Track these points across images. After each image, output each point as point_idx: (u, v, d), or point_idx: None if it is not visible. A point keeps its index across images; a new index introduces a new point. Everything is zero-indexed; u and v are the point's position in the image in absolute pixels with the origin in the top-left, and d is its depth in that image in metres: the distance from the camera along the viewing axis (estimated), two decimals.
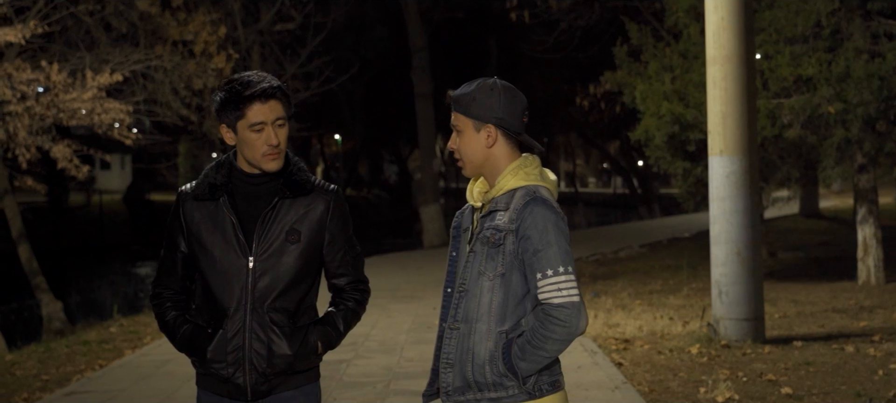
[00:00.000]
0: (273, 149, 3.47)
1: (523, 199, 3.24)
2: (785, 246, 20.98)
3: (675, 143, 13.52)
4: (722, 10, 9.29)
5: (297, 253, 3.49)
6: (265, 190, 3.54)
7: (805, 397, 7.17)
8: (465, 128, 3.30)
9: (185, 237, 3.57)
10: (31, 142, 12.63)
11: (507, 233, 3.22)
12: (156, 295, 3.68)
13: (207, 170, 3.62)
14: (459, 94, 3.31)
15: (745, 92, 9.28)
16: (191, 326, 3.57)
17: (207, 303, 3.55)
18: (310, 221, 3.53)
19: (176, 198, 3.65)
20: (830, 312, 11.39)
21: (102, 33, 15.81)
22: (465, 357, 3.22)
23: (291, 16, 20.64)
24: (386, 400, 7.56)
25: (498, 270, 3.23)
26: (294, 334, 3.50)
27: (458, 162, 3.37)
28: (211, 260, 3.51)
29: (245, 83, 3.46)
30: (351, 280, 3.63)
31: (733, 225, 9.33)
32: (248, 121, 3.46)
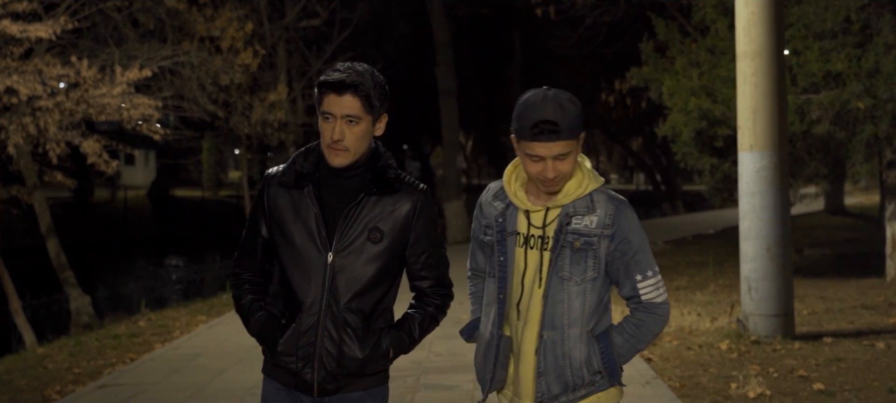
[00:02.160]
0: (336, 144, 3.32)
1: (612, 203, 3.28)
2: (811, 243, 20.89)
3: (703, 139, 13.48)
4: (752, 4, 9.25)
5: (377, 253, 3.36)
6: (352, 183, 3.40)
7: (837, 393, 7.14)
8: (572, 150, 3.20)
9: (267, 222, 3.46)
10: (60, 136, 12.72)
11: (600, 238, 3.25)
12: (235, 276, 3.59)
13: (295, 157, 3.49)
14: (568, 123, 3.16)
15: (776, 87, 9.25)
16: (265, 314, 3.48)
17: (283, 292, 3.44)
18: (394, 220, 3.39)
19: (261, 181, 3.54)
20: (859, 308, 11.33)
21: (130, 29, 15.90)
22: (561, 363, 3.26)
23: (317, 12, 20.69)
24: (416, 394, 7.58)
25: (588, 274, 3.26)
26: (367, 337, 3.38)
27: (553, 184, 3.25)
28: (290, 250, 3.39)
29: (330, 71, 3.35)
30: (433, 283, 3.50)
31: (763, 221, 9.29)
32: (321, 108, 3.35)
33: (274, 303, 3.48)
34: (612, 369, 3.30)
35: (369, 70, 3.36)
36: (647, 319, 3.32)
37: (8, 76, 11.78)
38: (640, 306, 3.32)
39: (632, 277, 3.29)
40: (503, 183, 3.42)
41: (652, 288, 3.32)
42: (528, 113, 3.18)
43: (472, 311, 3.62)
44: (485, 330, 3.41)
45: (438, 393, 7.60)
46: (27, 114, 12.37)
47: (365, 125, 3.34)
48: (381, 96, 3.38)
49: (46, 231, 15.29)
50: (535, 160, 3.20)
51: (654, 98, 15.37)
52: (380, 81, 3.37)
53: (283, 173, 3.46)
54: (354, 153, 3.34)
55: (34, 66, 12.23)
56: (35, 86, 11.91)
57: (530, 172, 3.24)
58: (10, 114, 12.42)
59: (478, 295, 3.59)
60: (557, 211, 3.28)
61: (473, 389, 7.61)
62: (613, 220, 3.25)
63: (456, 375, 8.16)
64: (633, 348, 3.33)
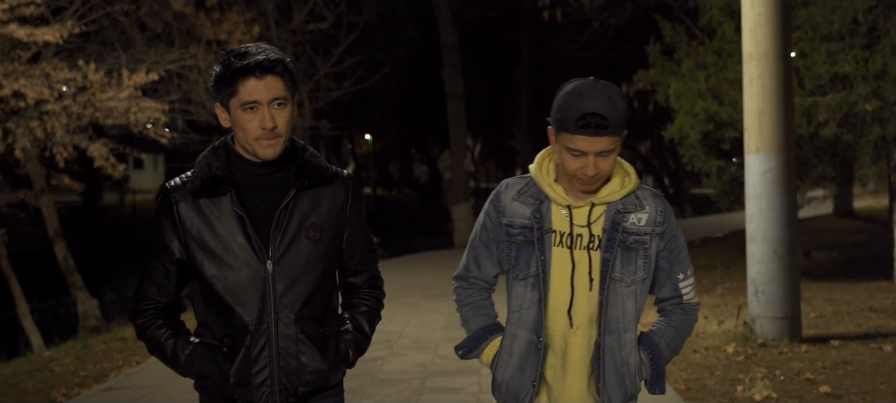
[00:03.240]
0: (268, 134, 2.93)
1: (658, 200, 3.14)
2: (819, 246, 20.82)
3: (710, 142, 13.47)
4: (758, 6, 9.23)
5: (320, 252, 3.03)
6: (277, 179, 3.02)
7: (844, 396, 7.12)
8: (616, 148, 3.01)
9: (183, 241, 3.00)
10: (68, 140, 12.74)
11: (651, 236, 3.11)
12: (139, 312, 3.08)
13: (203, 159, 3.06)
14: (617, 118, 2.96)
15: (782, 89, 9.22)
16: (199, 346, 3.04)
17: (218, 318, 3.01)
18: (331, 213, 3.06)
19: (162, 196, 3.08)
20: (867, 311, 11.29)
21: (138, 33, 15.95)
22: (621, 370, 3.11)
23: (324, 15, 20.73)
24: (422, 397, 7.57)
25: (638, 275, 3.10)
26: (326, 344, 3.06)
27: (591, 182, 3.05)
28: (220, 266, 2.97)
29: (240, 54, 2.95)
30: (369, 277, 3.23)
31: (770, 224, 9.27)
32: (241, 99, 2.93)
33: (205, 334, 3.05)
34: (662, 376, 3.17)
35: (278, 49, 3.04)
36: (686, 321, 3.21)
37: (15, 80, 11.81)
38: (679, 306, 3.20)
39: (674, 277, 3.17)
40: (534, 177, 3.17)
41: (690, 288, 3.21)
42: (574, 103, 2.95)
43: (467, 324, 3.35)
44: (517, 339, 3.17)
45: (444, 396, 7.59)
46: (34, 118, 12.39)
47: (290, 106, 2.99)
48: (295, 75, 3.07)
49: (54, 234, 15.33)
50: (576, 155, 2.99)
51: (660, 101, 15.35)
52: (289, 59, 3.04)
53: (192, 181, 3.02)
54: (285, 139, 2.98)
55: (41, 69, 12.26)
56: (42, 90, 11.94)
57: (568, 168, 3.03)
58: (17, 117, 12.45)
59: (474, 305, 3.33)
60: (602, 208, 3.10)
61: (479, 392, 7.59)
62: (664, 217, 3.12)
63: (461, 378, 8.15)
64: (674, 351, 3.21)
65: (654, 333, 3.19)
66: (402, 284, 14.98)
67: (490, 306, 3.34)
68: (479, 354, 3.29)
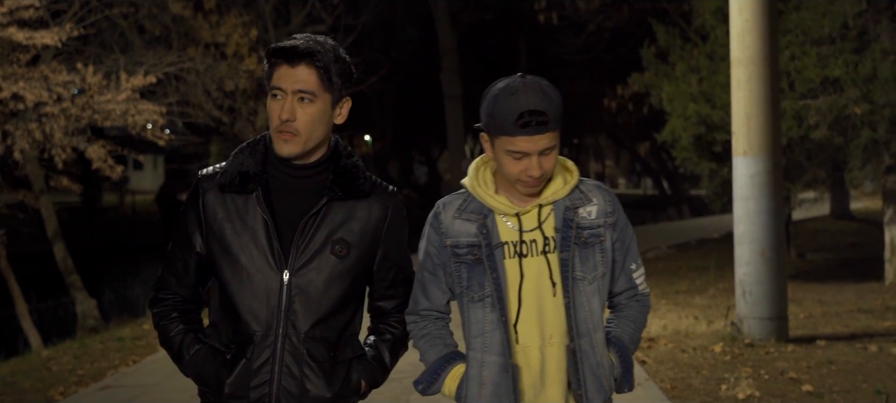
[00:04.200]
0: (285, 126, 2.73)
1: (603, 190, 3.01)
2: (814, 248, 20.95)
3: (702, 144, 13.60)
4: (747, 12, 9.37)
5: (343, 270, 2.81)
6: (311, 185, 2.83)
7: (825, 394, 7.25)
8: (556, 144, 2.87)
9: (204, 234, 2.84)
10: (66, 142, 12.88)
11: (605, 228, 2.97)
12: (157, 301, 2.94)
13: (238, 153, 2.85)
14: (554, 112, 2.82)
15: (770, 93, 9.36)
16: (205, 348, 2.87)
17: (228, 322, 2.84)
18: (363, 230, 2.84)
19: (194, 185, 2.90)
20: (856, 312, 11.42)
21: (136, 36, 16.10)
22: (598, 372, 2.95)
23: (321, 18, 20.87)
24: (412, 395, 7.71)
25: (598, 271, 2.96)
26: (334, 371, 2.84)
27: (536, 184, 2.89)
28: (235, 268, 2.79)
29: (287, 40, 2.78)
30: (400, 303, 3.00)
31: (757, 226, 9.40)
32: (271, 83, 2.77)
33: (214, 336, 2.88)
34: (631, 373, 3.04)
35: (332, 43, 2.82)
36: (642, 311, 3.09)
37: (15, 82, 11.95)
38: (634, 299, 3.07)
39: (627, 268, 3.03)
40: (471, 190, 2.98)
41: (642, 278, 3.08)
42: (508, 103, 2.79)
43: (424, 357, 3.07)
44: (486, 365, 2.93)
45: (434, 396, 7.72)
46: (33, 120, 12.53)
47: (321, 105, 2.76)
48: (344, 74, 2.81)
49: (53, 235, 15.46)
50: (518, 157, 2.83)
51: (655, 104, 15.49)
52: (343, 57, 2.81)
53: (223, 174, 2.83)
54: (306, 139, 2.77)
55: (40, 72, 12.40)
56: (41, 93, 12.08)
57: (511, 172, 2.87)
58: (16, 120, 12.59)
59: (430, 336, 3.06)
60: (550, 207, 2.95)
61: None
62: (613, 207, 2.99)
63: None
64: (636, 346, 3.08)
65: (616, 330, 3.05)
66: None
67: (447, 335, 3.09)
68: (440, 387, 3.04)
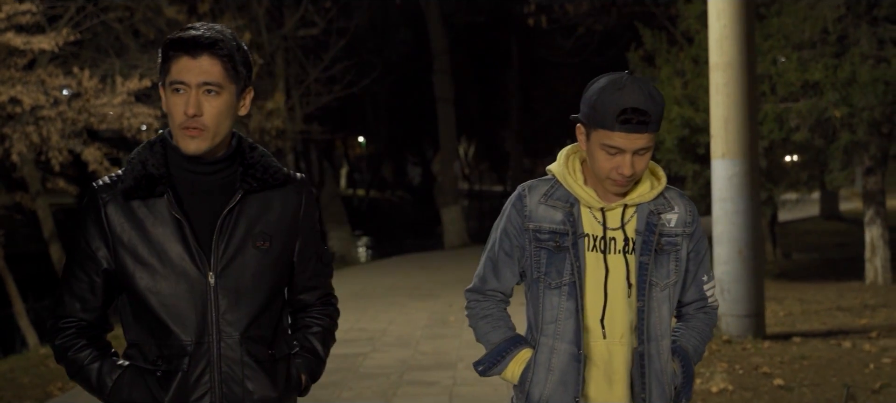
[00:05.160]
0: (190, 121, 2.56)
1: (685, 200, 3.02)
2: (801, 248, 21.26)
3: (686, 146, 13.88)
4: (724, 18, 9.65)
5: (268, 263, 2.69)
6: (219, 181, 2.67)
7: (795, 388, 7.53)
8: (653, 144, 2.87)
9: (111, 248, 2.63)
10: (63, 145, 13.12)
11: (682, 237, 2.97)
12: (58, 331, 2.70)
13: (137, 155, 2.68)
14: (657, 114, 2.82)
15: (747, 97, 9.64)
16: (129, 370, 2.66)
17: (151, 337, 2.65)
18: (281, 220, 2.72)
19: (88, 197, 2.69)
20: (834, 310, 11.70)
21: (131, 40, 16.32)
22: (661, 379, 2.95)
23: (314, 21, 21.13)
24: (399, 390, 7.98)
25: (671, 279, 2.97)
26: (275, 368, 2.72)
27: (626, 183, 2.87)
28: (154, 278, 2.61)
29: (183, 30, 2.62)
30: (322, 294, 2.90)
31: (735, 226, 9.68)
32: (170, 77, 2.59)
33: (137, 356, 2.68)
34: (691, 384, 3.02)
35: (231, 32, 2.68)
36: (709, 323, 3.09)
37: (12, 86, 12.19)
38: (702, 310, 3.08)
39: (699, 279, 3.05)
40: (561, 177, 2.98)
41: (713, 290, 3.10)
42: (612, 97, 2.77)
43: (486, 337, 3.07)
44: (557, 352, 2.95)
45: (419, 389, 8.00)
46: (30, 123, 12.78)
47: (228, 97, 2.60)
48: (246, 63, 2.67)
49: (49, 236, 15.69)
50: (613, 153, 2.81)
51: None
52: (243, 47, 2.69)
53: (124, 179, 2.65)
54: (215, 134, 2.60)
55: (37, 76, 12.65)
56: (38, 97, 12.33)
57: (602, 167, 2.85)
58: (13, 123, 12.83)
59: (493, 317, 3.08)
60: (634, 209, 2.95)
61: (453, 385, 8.00)
62: (693, 218, 2.99)
63: (437, 372, 8.56)
64: (700, 358, 3.08)
65: (681, 340, 3.05)
66: (389, 285, 15.36)
67: (509, 319, 3.11)
68: (502, 369, 3.04)
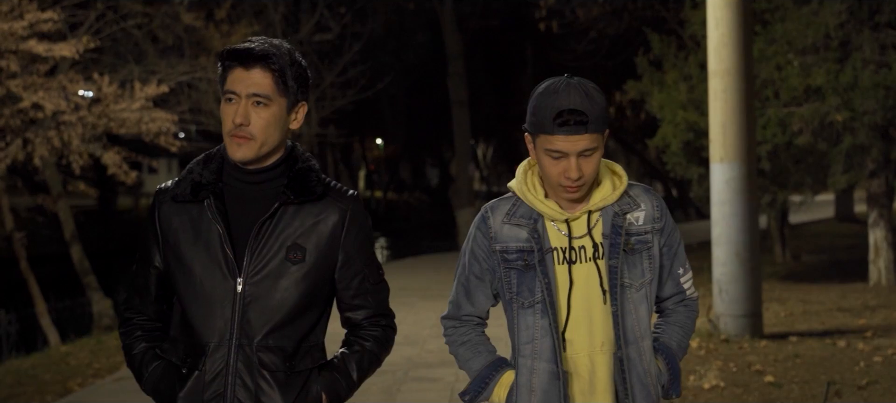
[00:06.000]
0: (238, 129, 2.71)
1: (651, 195, 2.99)
2: (812, 250, 21.43)
3: (691, 150, 14.14)
4: (722, 26, 9.91)
5: (299, 277, 2.76)
6: (264, 190, 2.79)
7: (784, 384, 7.79)
8: (598, 147, 2.83)
9: (161, 248, 2.83)
10: (83, 149, 13.52)
11: (652, 234, 2.95)
12: (125, 322, 2.93)
13: (192, 165, 2.86)
14: (596, 113, 2.79)
15: (744, 103, 9.90)
16: (162, 364, 2.82)
17: (184, 335, 2.80)
18: (319, 235, 2.79)
19: (152, 199, 2.90)
20: (835, 311, 11.93)
21: (150, 45, 16.73)
22: (645, 381, 2.93)
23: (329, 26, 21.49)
24: (403, 386, 8.30)
25: (646, 277, 2.95)
26: (290, 381, 2.77)
27: (577, 188, 2.86)
28: (190, 279, 2.76)
29: (241, 43, 2.78)
30: (371, 313, 2.91)
31: (732, 228, 9.94)
32: (224, 87, 2.75)
33: (172, 351, 2.84)
34: (678, 380, 3.01)
35: (288, 47, 2.82)
36: (690, 317, 3.07)
37: (34, 92, 12.60)
38: (682, 304, 3.06)
39: (675, 273, 3.02)
40: (521, 194, 2.97)
41: (690, 282, 3.08)
42: (548, 101, 2.78)
43: (467, 365, 3.08)
44: (536, 372, 2.93)
45: (422, 385, 8.31)
46: (52, 128, 13.17)
47: (276, 109, 2.74)
48: (300, 78, 2.79)
49: (70, 237, 16.09)
50: (557, 158, 2.81)
51: (650, 110, 16.02)
52: (299, 61, 2.80)
53: (177, 186, 2.83)
54: (262, 143, 2.74)
55: (58, 82, 13.05)
56: (59, 102, 12.74)
57: (550, 174, 2.85)
58: (36, 127, 13.23)
59: (472, 343, 3.08)
60: (598, 213, 2.93)
61: (455, 381, 8.31)
62: (661, 213, 2.97)
63: (441, 369, 8.86)
64: (684, 352, 3.06)
65: (662, 337, 3.04)
66: (401, 285, 15.67)
67: (488, 342, 3.10)
68: (488, 395, 3.02)
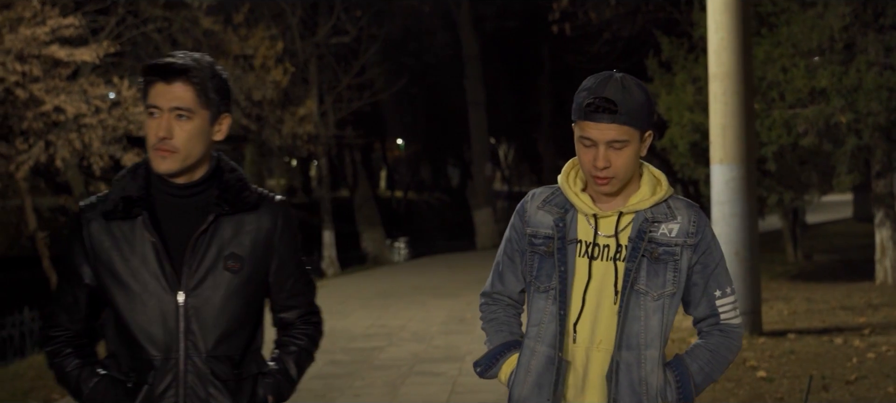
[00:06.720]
0: (161, 143, 2.74)
1: (693, 210, 2.96)
2: (825, 249, 21.58)
3: (698, 151, 14.35)
4: (722, 30, 10.15)
5: (238, 285, 2.82)
6: (197, 203, 2.83)
7: (775, 379, 8.04)
8: (631, 140, 2.83)
9: (92, 265, 2.82)
10: (104, 151, 13.88)
11: (683, 248, 2.92)
12: (49, 340, 2.89)
13: (118, 179, 2.87)
14: (628, 106, 2.80)
15: (743, 105, 10.13)
16: (104, 379, 2.83)
17: (126, 350, 2.81)
18: (255, 243, 2.85)
19: (73, 217, 2.90)
20: (838, 309, 12.12)
21: (169, 49, 17.10)
22: (638, 389, 2.90)
23: (346, 29, 21.83)
24: (407, 379, 8.60)
25: (667, 289, 2.91)
26: (240, 387, 2.84)
27: (606, 179, 2.87)
28: (128, 295, 2.78)
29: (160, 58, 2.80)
30: (302, 312, 3.01)
31: (732, 228, 10.17)
32: (146, 101, 2.77)
33: (112, 366, 2.86)
34: (690, 400, 2.94)
35: (209, 60, 2.85)
36: (724, 344, 2.97)
37: (56, 96, 12.98)
38: (717, 328, 2.97)
39: (710, 294, 2.95)
40: (560, 184, 3.01)
41: (730, 307, 2.98)
42: (585, 90, 2.85)
43: (489, 340, 3.14)
44: (536, 354, 2.97)
45: (426, 379, 8.61)
46: (73, 131, 13.54)
47: (199, 122, 2.78)
48: (221, 90, 2.83)
49: None
50: (588, 145, 2.85)
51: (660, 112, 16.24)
52: (220, 74, 2.84)
53: (105, 201, 2.84)
54: (185, 156, 2.78)
55: (80, 86, 13.43)
56: (80, 105, 13.11)
57: (582, 163, 2.89)
58: (58, 130, 13.61)
59: (497, 321, 3.13)
60: (631, 216, 2.92)
61: (458, 375, 8.60)
62: (697, 228, 2.93)
63: (446, 364, 9.16)
64: (708, 377, 2.96)
65: (686, 354, 2.99)
66: (415, 284, 15.99)
67: (514, 323, 3.15)
68: (497, 372, 3.10)
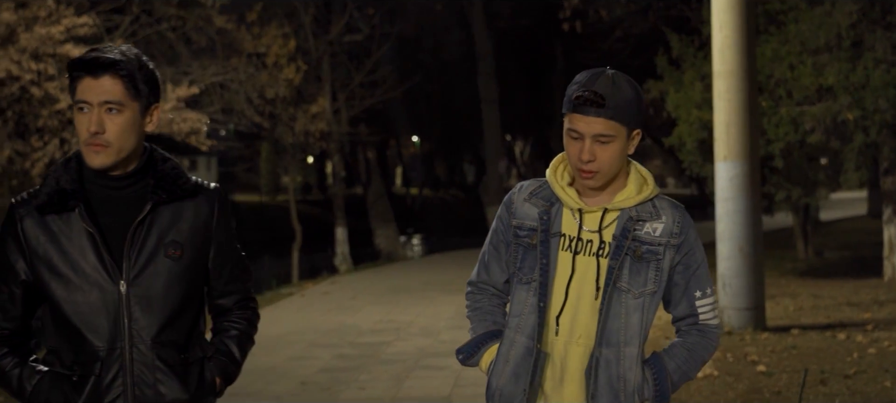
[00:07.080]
0: (93, 138, 2.73)
1: (678, 210, 2.98)
2: (837, 246, 21.61)
3: (705, 148, 14.43)
4: (726, 29, 10.25)
5: (180, 271, 2.83)
6: (132, 194, 2.83)
7: (775, 374, 8.13)
8: (618, 135, 2.85)
9: (28, 261, 2.80)
10: None
11: (665, 248, 2.95)
12: None
13: (51, 173, 2.85)
14: (617, 101, 2.83)
15: (747, 103, 10.23)
16: (47, 376, 2.81)
17: (67, 343, 2.80)
18: (193, 230, 2.86)
19: (7, 213, 2.86)
20: (844, 305, 12.18)
21: (183, 48, 17.32)
22: (616, 386, 2.92)
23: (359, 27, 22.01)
24: (412, 373, 8.74)
25: (649, 287, 2.94)
26: (188, 372, 2.85)
27: (590, 173, 2.89)
28: (69, 288, 2.77)
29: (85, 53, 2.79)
30: (239, 298, 3.03)
31: (736, 224, 10.28)
32: (75, 97, 2.75)
33: (54, 362, 2.84)
34: (666, 398, 2.97)
35: (136, 51, 2.84)
36: (701, 343, 3.00)
37: None
38: (695, 327, 3.01)
39: (691, 294, 2.98)
40: (548, 178, 3.04)
41: (709, 308, 3.01)
42: (577, 84, 2.88)
43: (472, 329, 3.16)
44: (515, 345, 3.00)
45: (430, 373, 8.76)
46: None
47: (130, 115, 2.77)
48: (150, 81, 2.82)
49: None
50: (574, 138, 2.88)
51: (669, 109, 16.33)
52: (147, 65, 2.84)
53: (38, 195, 2.83)
54: (119, 150, 2.77)
55: None
56: None
57: (568, 154, 2.93)
58: (72, 128, 13.83)
59: (482, 310, 3.16)
60: (616, 213, 2.95)
61: (462, 369, 8.72)
62: (682, 229, 2.95)
63: (451, 358, 9.20)
64: (685, 375, 3.00)
65: (663, 352, 3.02)
66: (425, 280, 16.14)
67: (498, 313, 3.17)
68: (478, 361, 3.12)
